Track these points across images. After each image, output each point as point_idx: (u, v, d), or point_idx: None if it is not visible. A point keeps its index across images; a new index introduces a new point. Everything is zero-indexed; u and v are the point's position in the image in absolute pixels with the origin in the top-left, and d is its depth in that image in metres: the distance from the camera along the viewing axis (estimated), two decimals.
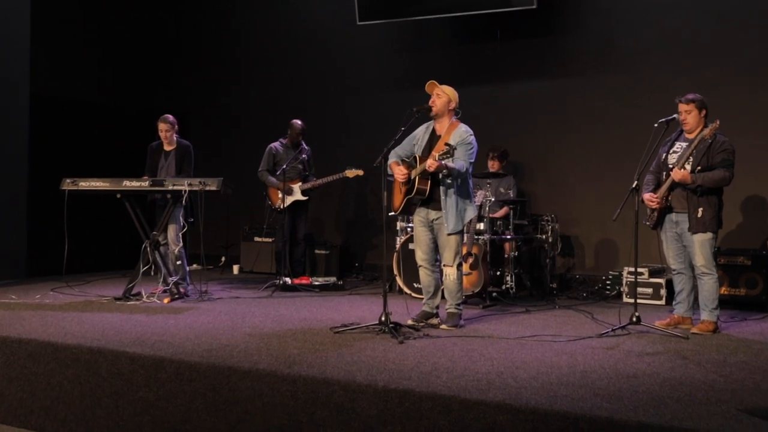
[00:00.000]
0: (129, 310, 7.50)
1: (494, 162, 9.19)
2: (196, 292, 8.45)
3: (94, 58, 11.36)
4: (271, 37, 11.81)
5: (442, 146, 6.49)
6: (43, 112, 10.44)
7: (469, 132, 6.69)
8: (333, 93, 11.32)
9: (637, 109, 9.17)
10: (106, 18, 11.49)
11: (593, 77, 9.61)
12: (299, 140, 9.64)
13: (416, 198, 6.68)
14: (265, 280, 9.63)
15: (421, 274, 6.93)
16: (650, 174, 7.00)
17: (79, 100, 11.00)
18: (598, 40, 9.61)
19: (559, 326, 6.88)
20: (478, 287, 8.13)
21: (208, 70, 12.39)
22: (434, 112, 6.71)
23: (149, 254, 8.10)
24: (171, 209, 8.23)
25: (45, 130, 10.45)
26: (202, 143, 12.01)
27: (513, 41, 9.95)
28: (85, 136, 11.00)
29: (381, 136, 6.81)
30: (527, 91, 9.99)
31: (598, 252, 9.61)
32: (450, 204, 6.59)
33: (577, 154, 9.69)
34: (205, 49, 12.44)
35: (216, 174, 11.76)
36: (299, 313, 7.44)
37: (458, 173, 6.48)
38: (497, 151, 9.21)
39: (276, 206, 9.55)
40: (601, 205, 9.40)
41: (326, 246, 10.73)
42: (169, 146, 8.72)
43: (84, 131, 11.02)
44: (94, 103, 11.22)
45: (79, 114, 11.01)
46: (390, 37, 10.79)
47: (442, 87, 6.73)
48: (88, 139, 11.00)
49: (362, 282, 10.21)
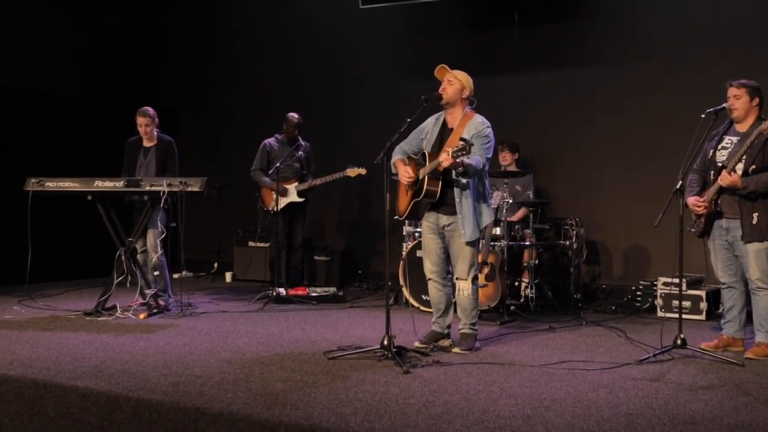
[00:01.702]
0: (97, 327, 6.60)
1: (506, 154, 8.29)
2: (179, 305, 7.52)
3: (68, 48, 10.47)
4: (268, 25, 10.95)
5: (455, 140, 5.58)
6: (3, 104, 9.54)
7: (485, 123, 5.77)
8: (334, 84, 10.45)
9: (670, 99, 8.36)
10: (87, 4, 10.59)
11: (621, 64, 8.72)
12: (296, 135, 8.75)
13: (425, 201, 5.77)
14: (259, 289, 8.78)
15: (431, 289, 6.01)
16: (695, 173, 6.06)
17: (50, 92, 10.07)
18: (625, 23, 8.72)
19: (590, 349, 5.96)
20: (494, 301, 7.21)
21: (200, 61, 11.53)
22: (445, 100, 5.80)
23: (124, 263, 7.18)
24: (149, 213, 7.33)
25: (5, 123, 9.55)
26: (194, 139, 11.32)
27: (531, 26, 9.06)
28: (61, 132, 10.06)
29: (386, 130, 5.94)
30: (547, 80, 9.10)
31: (626, 259, 8.70)
32: (465, 207, 5.67)
33: (603, 150, 8.82)
34: (197, 39, 11.56)
35: (209, 173, 10.96)
36: (291, 332, 6.53)
37: (475, 171, 5.56)
38: (506, 142, 8.28)
39: (269, 209, 8.65)
40: (629, 206, 8.60)
41: (326, 252, 9.84)
42: (149, 142, 7.83)
43: (59, 126, 10.09)
44: (69, 95, 10.29)
45: (51, 107, 10.08)
46: (395, 22, 9.93)
47: (454, 72, 5.82)
48: (64, 135, 10.05)
49: (365, 291, 9.33)
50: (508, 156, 8.28)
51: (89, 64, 10.71)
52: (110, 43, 10.91)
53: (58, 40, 10.38)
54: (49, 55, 10.19)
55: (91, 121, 10.31)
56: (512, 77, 9.24)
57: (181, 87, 11.55)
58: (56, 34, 10.35)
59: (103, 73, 10.80)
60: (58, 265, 9.61)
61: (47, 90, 10.01)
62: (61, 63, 10.38)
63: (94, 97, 10.54)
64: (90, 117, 10.35)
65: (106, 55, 10.86)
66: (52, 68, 10.21)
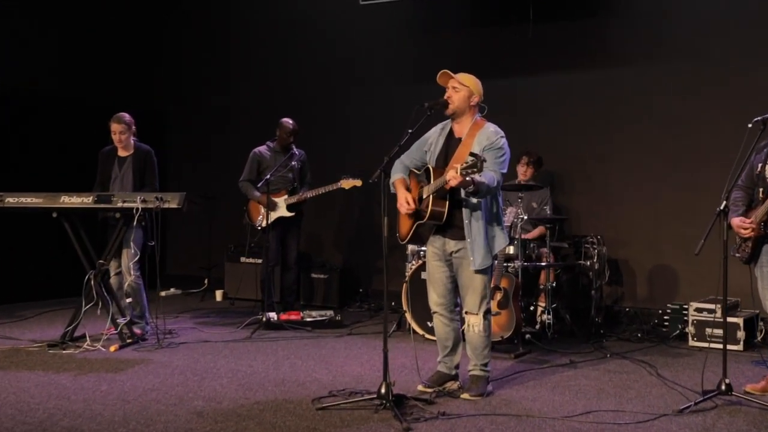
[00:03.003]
0: (58, 365, 5.84)
1: (527, 168, 7.55)
2: (157, 332, 6.76)
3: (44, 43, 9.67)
4: (264, 24, 10.21)
5: (463, 153, 4.82)
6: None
7: (499, 133, 4.99)
8: (333, 87, 9.72)
9: (703, 103, 7.65)
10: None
11: (647, 64, 7.95)
12: (289, 143, 8.00)
13: (430, 223, 5.00)
14: (250, 311, 8.03)
15: (436, 324, 5.24)
16: (740, 190, 5.28)
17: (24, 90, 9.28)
18: (652, 19, 7.94)
19: (618, 392, 5.20)
20: (508, 331, 6.43)
21: (191, 60, 10.81)
22: (451, 109, 5.03)
23: (93, 288, 6.43)
24: (122, 231, 6.58)
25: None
26: (184, 145, 10.72)
27: (548, 23, 8.30)
28: (34, 135, 9.32)
29: (388, 137, 5.26)
30: (565, 83, 8.34)
31: (652, 280, 7.93)
32: (476, 231, 4.90)
33: (627, 160, 8.05)
34: (189, 37, 10.84)
35: (199, 181, 10.34)
36: (278, 370, 5.75)
37: (488, 190, 4.78)
38: (532, 156, 7.56)
39: (256, 224, 7.90)
40: (655, 223, 7.88)
41: (324, 269, 9.08)
42: (125, 152, 7.08)
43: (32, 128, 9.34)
44: (46, 94, 9.51)
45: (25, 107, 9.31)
46: (399, 19, 9.15)
47: (459, 76, 5.05)
48: (37, 138, 9.33)
49: (366, 313, 8.57)
50: (529, 171, 7.52)
51: (69, 61, 9.92)
52: (92, 38, 10.14)
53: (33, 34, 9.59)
54: (21, 50, 9.43)
55: (70, 123, 9.54)
56: (526, 79, 8.50)
57: (170, 88, 10.84)
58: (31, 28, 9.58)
59: (84, 71, 10.01)
60: (37, 283, 8.95)
61: (20, 87, 9.25)
62: (35, 59, 9.57)
63: (74, 98, 9.76)
64: (69, 119, 9.59)
65: (88, 52, 10.09)
66: (26, 65, 9.42)
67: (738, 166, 5.10)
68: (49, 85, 9.66)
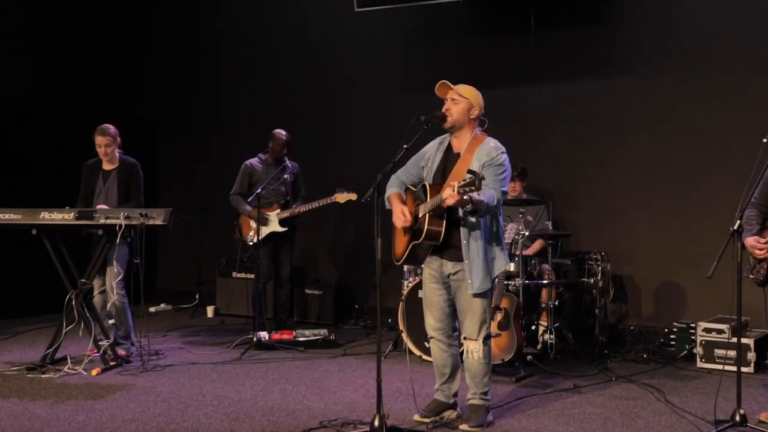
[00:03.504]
0: (35, 390, 5.55)
1: (515, 183, 7.23)
2: (141, 354, 6.47)
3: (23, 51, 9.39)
4: (257, 31, 9.92)
5: (462, 170, 4.55)
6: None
7: (499, 149, 4.72)
8: (328, 97, 9.42)
9: (711, 114, 7.35)
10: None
11: (653, 74, 7.65)
12: (282, 155, 7.72)
13: (426, 244, 4.71)
14: (242, 327, 7.77)
15: (433, 350, 4.96)
16: (753, 208, 5.03)
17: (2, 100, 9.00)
18: (658, 26, 7.64)
19: (626, 422, 4.93)
20: (509, 354, 6.15)
21: (182, 68, 10.51)
22: (449, 122, 4.76)
23: (75, 309, 6.15)
24: (105, 249, 6.30)
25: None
26: (175, 155, 10.47)
27: (550, 30, 8.01)
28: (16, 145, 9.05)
29: (385, 149, 4.98)
30: (568, 93, 8.04)
31: (658, 298, 7.64)
32: (474, 252, 4.62)
33: (632, 173, 7.75)
34: (180, 44, 10.53)
35: (190, 193, 10.06)
36: (267, 397, 5.47)
37: (487, 208, 4.50)
38: (516, 170, 7.25)
39: (247, 239, 7.63)
40: (661, 238, 7.58)
41: (319, 284, 8.80)
42: (110, 165, 6.80)
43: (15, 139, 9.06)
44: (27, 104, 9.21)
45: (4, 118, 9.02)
46: (396, 27, 8.87)
47: (459, 88, 4.78)
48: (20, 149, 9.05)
49: (362, 331, 8.29)
50: (517, 185, 7.24)
51: (51, 68, 9.62)
52: (77, 44, 9.85)
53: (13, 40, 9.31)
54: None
55: (53, 134, 9.27)
56: (527, 89, 8.20)
57: (160, 96, 10.54)
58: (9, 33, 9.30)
59: (69, 78, 9.72)
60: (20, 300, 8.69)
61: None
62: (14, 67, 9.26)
63: (57, 107, 9.47)
64: (52, 129, 9.31)
65: (72, 58, 9.80)
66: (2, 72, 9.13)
67: (752, 184, 4.84)
68: (30, 94, 9.37)
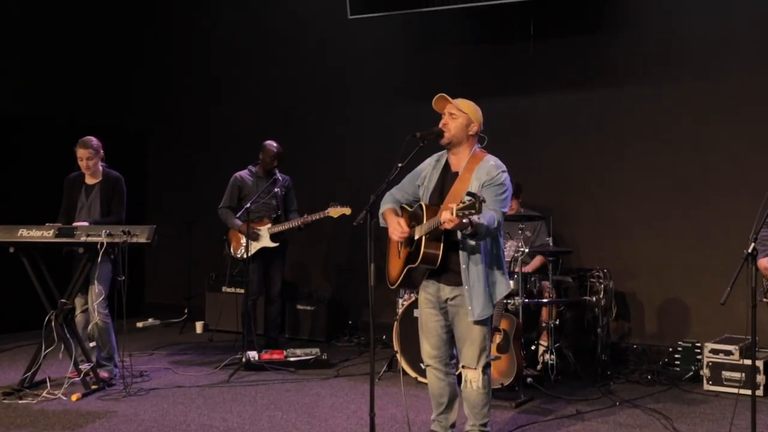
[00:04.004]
0: (11, 419, 5.29)
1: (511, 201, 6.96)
2: (124, 378, 6.19)
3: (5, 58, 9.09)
4: (247, 41, 9.62)
5: (460, 190, 4.30)
6: None
7: (500, 168, 4.45)
8: (321, 107, 9.15)
9: (713, 125, 7.12)
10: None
11: (656, 83, 7.40)
12: (273, 167, 7.46)
13: (422, 267, 4.44)
14: (231, 345, 7.56)
15: (430, 379, 4.69)
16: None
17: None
18: (661, 34, 7.39)
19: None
20: (509, 378, 5.89)
21: (173, 76, 10.21)
22: (447, 139, 4.49)
23: (54, 330, 5.88)
24: (87, 267, 6.04)
25: None
26: (165, 167, 10.21)
27: (549, 39, 7.74)
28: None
29: (381, 161, 4.72)
30: (568, 103, 7.78)
31: (661, 315, 7.39)
32: (474, 277, 4.36)
33: (633, 186, 7.50)
34: (171, 52, 10.24)
35: (181, 205, 9.77)
36: (255, 425, 5.21)
37: (487, 231, 4.24)
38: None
39: (236, 255, 7.37)
40: (664, 253, 7.33)
41: (311, 300, 8.54)
42: (93, 179, 6.53)
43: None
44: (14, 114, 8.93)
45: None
46: (391, 35, 8.62)
47: (458, 102, 4.51)
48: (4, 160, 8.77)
49: (355, 349, 8.02)
50: (514, 204, 6.99)
51: (36, 76, 9.34)
52: (66, 52, 9.59)
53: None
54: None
55: (36, 145, 8.99)
56: (526, 99, 7.94)
57: (150, 106, 10.24)
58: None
59: (54, 87, 9.44)
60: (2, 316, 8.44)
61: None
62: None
63: (41, 116, 9.20)
64: (35, 140, 9.02)
65: (59, 66, 9.53)
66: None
67: (767, 204, 4.59)
68: (13, 103, 9.09)
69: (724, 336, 6.58)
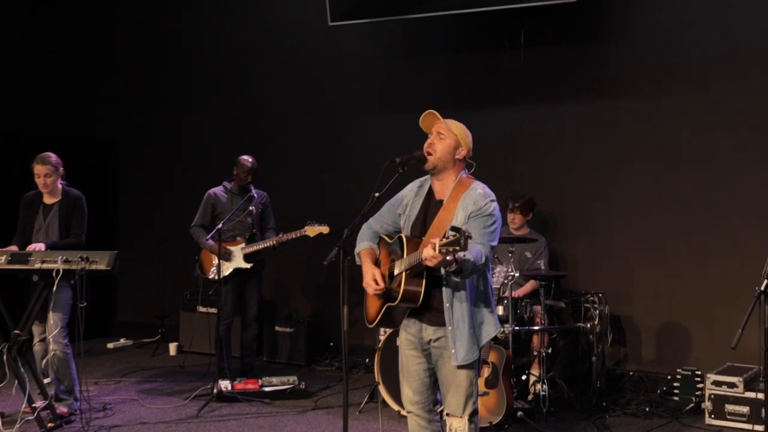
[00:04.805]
0: None
1: (515, 215, 6.67)
2: (82, 417, 5.74)
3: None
4: (223, 50, 9.10)
5: (445, 221, 3.91)
6: None
7: (488, 197, 4.02)
8: (299, 120, 8.69)
9: (716, 140, 6.75)
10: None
11: (653, 96, 7.01)
12: (248, 183, 7.05)
13: (403, 306, 4.01)
14: (205, 371, 7.19)
15: (411, 426, 4.25)
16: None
17: None
18: (661, 43, 6.99)
19: None
20: (498, 416, 5.49)
21: (146, 84, 9.71)
22: (431, 163, 4.05)
23: (6, 364, 5.44)
24: (44, 294, 5.59)
25: None
26: (137, 180, 9.73)
27: (542, 47, 7.34)
28: None
29: (363, 176, 4.28)
30: (561, 115, 7.36)
31: (660, 340, 6.99)
32: (459, 317, 3.94)
33: (630, 203, 7.10)
34: (144, 59, 9.72)
35: (154, 220, 9.28)
36: None
37: (473, 267, 3.81)
38: (519, 200, 6.66)
39: (209, 276, 6.95)
40: (663, 275, 6.95)
41: (290, 320, 8.11)
42: (51, 198, 6.07)
43: None
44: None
45: None
46: (374, 44, 8.19)
47: (448, 122, 4.08)
48: None
49: (335, 374, 7.59)
50: (518, 218, 6.61)
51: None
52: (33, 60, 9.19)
53: None
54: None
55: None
56: (516, 111, 7.52)
57: (121, 115, 9.71)
58: None
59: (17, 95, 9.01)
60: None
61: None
62: None
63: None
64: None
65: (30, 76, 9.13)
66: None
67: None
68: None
69: (727, 365, 6.21)
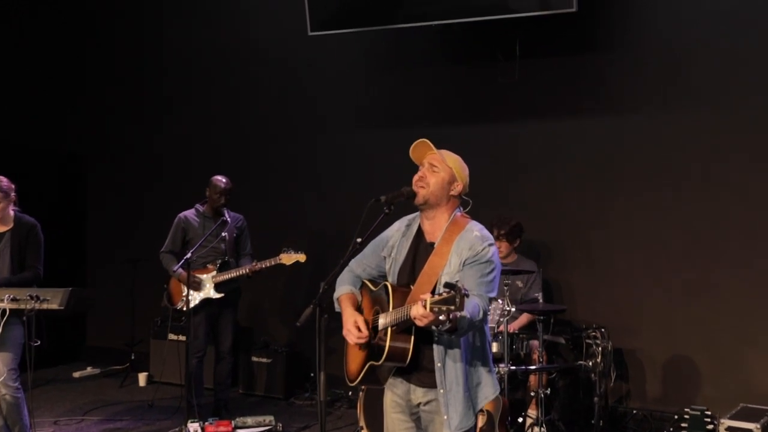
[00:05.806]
0: None
1: (501, 243, 6.19)
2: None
3: None
4: (200, 62, 8.62)
5: (437, 267, 3.42)
6: None
7: (486, 240, 3.50)
8: (277, 136, 8.21)
9: (723, 160, 6.31)
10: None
11: (656, 112, 6.56)
12: (221, 205, 6.55)
13: (388, 365, 3.49)
14: (175, 406, 6.75)
15: None
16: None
17: None
18: (662, 57, 6.55)
19: None
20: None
21: (118, 97, 9.19)
22: (422, 198, 3.54)
23: None
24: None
25: None
26: (107, 198, 9.22)
27: (538, 60, 6.90)
28: None
29: (346, 196, 3.81)
30: (558, 131, 6.91)
31: (666, 376, 6.53)
32: (452, 378, 3.44)
33: (632, 228, 6.64)
34: (116, 71, 9.21)
35: (125, 241, 8.74)
36: None
37: (470, 324, 3.30)
38: (504, 227, 6.18)
39: (176, 306, 6.45)
40: (669, 305, 6.49)
41: (268, 350, 7.62)
42: (2, 226, 5.53)
43: None
44: None
45: None
46: (357, 55, 7.72)
47: (443, 153, 3.58)
48: None
49: (316, 408, 7.04)
50: (504, 246, 6.13)
51: None
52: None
53: None
54: None
55: None
56: (510, 128, 7.08)
57: (91, 129, 9.24)
58: None
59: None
60: None
61: None
62: None
63: None
64: None
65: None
66: None
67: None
68: None
69: (741, 407, 5.76)
